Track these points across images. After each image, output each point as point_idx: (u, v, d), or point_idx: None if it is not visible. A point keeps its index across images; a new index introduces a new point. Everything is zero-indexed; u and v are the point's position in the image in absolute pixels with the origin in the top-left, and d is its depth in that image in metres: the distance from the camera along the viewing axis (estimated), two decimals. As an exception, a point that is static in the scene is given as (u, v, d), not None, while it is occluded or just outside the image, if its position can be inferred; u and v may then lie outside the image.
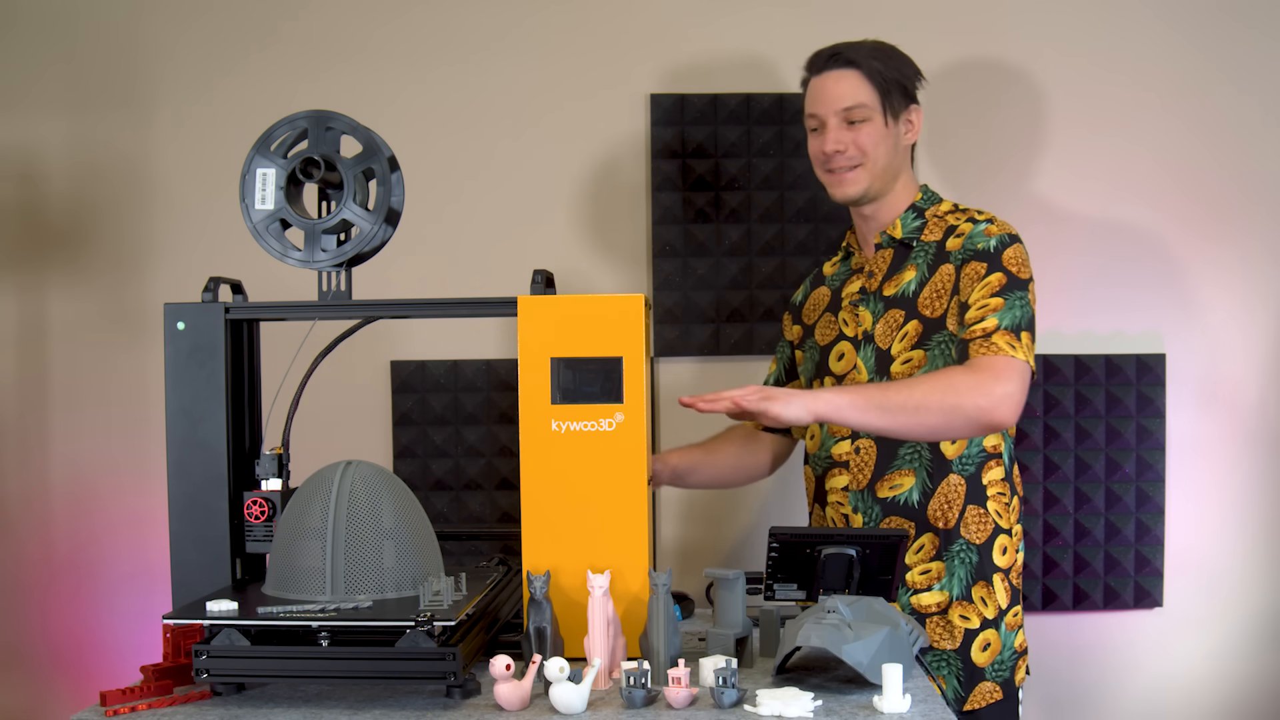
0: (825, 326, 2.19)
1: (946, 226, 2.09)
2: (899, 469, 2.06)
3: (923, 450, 2.05)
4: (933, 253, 2.07)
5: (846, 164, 2.07)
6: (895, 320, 2.07)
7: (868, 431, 2.01)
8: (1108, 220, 2.62)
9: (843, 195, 2.09)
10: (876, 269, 2.12)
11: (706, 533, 2.66)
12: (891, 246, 2.12)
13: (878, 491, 2.06)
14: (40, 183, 2.62)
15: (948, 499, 2.05)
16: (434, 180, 2.59)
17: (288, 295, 2.09)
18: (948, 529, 2.05)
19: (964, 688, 2.05)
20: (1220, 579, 2.64)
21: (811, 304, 2.25)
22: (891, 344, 2.06)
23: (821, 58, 2.09)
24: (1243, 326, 2.63)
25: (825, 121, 2.07)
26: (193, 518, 1.77)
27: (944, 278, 2.04)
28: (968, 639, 2.05)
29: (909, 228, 2.10)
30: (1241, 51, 2.62)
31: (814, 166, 2.14)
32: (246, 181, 1.76)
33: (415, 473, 2.60)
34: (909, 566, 2.05)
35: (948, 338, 2.02)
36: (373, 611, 1.54)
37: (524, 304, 1.74)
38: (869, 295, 2.11)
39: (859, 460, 2.08)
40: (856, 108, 2.05)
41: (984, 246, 2.01)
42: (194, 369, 1.78)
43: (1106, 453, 2.59)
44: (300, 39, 2.62)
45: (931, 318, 2.04)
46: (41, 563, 2.63)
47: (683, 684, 1.51)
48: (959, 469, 2.05)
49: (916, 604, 2.05)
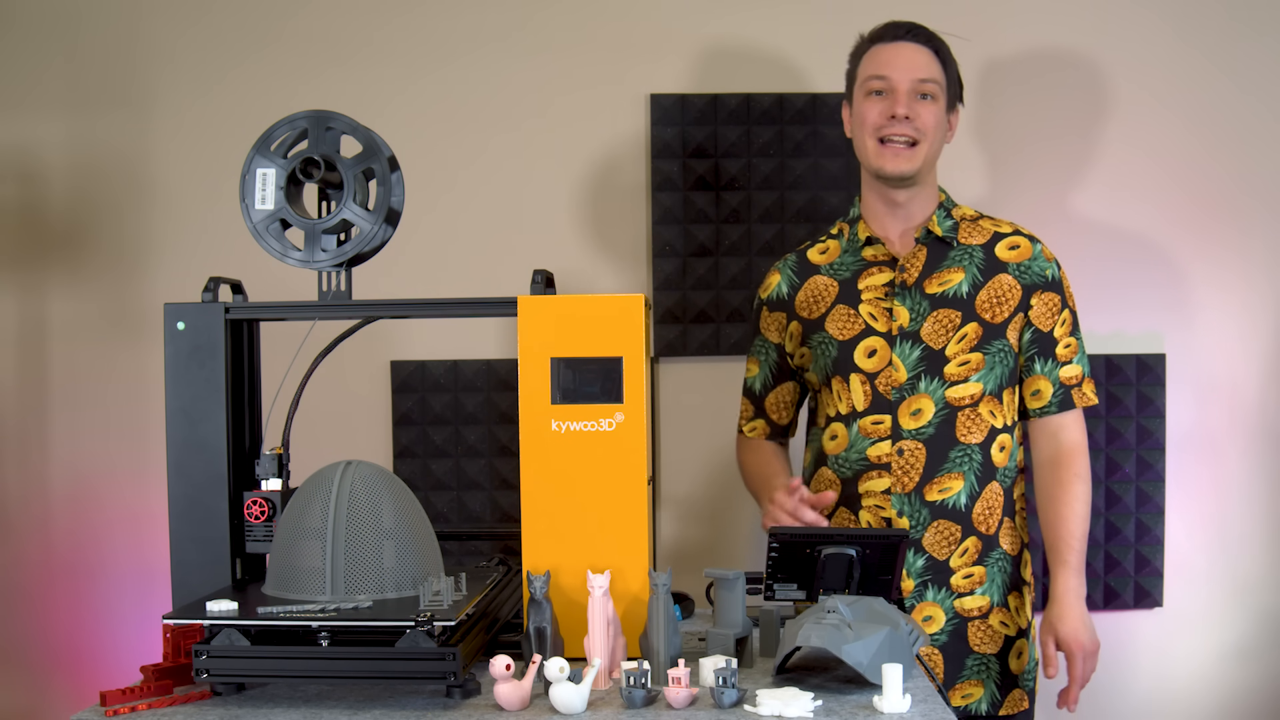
0: (842, 320, 2.10)
1: (988, 232, 2.09)
2: (949, 472, 2.02)
3: (974, 454, 2.02)
4: (980, 257, 2.06)
5: (907, 136, 2.02)
6: (950, 320, 2.03)
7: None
8: (1107, 220, 2.62)
9: (894, 169, 2.03)
10: (910, 264, 2.07)
11: (706, 533, 2.65)
12: (927, 243, 2.08)
13: (926, 495, 2.02)
14: (40, 183, 2.62)
15: (990, 506, 2.04)
16: (434, 180, 2.59)
17: (288, 295, 2.09)
18: (989, 535, 2.04)
19: (1000, 692, 2.05)
20: (1220, 579, 2.64)
21: (810, 295, 2.14)
22: (947, 344, 2.03)
23: (900, 28, 2.06)
24: (1242, 326, 2.63)
25: (897, 87, 2.02)
26: (193, 518, 1.77)
27: (1004, 287, 2.05)
28: (1006, 645, 2.05)
29: (945, 226, 2.08)
30: (1242, 51, 2.62)
31: (860, 134, 2.07)
32: (246, 181, 1.76)
33: (415, 473, 2.60)
34: (953, 570, 2.03)
35: (1006, 348, 2.05)
36: (373, 611, 1.54)
37: (524, 304, 1.74)
38: (905, 290, 2.06)
39: (903, 463, 2.03)
40: (930, 82, 2.03)
41: (1051, 275, 2.08)
42: (194, 369, 1.77)
43: (1106, 453, 2.59)
44: (300, 39, 2.62)
45: (992, 323, 2.04)
46: (41, 563, 2.63)
47: (683, 684, 1.51)
48: (1001, 479, 2.05)
49: (959, 608, 2.03)
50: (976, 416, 2.03)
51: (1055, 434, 2.09)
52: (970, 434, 2.02)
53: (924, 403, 2.03)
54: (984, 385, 2.03)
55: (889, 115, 2.02)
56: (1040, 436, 2.11)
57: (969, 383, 2.02)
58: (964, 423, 2.02)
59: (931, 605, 2.03)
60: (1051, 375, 2.07)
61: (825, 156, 2.61)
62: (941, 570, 2.02)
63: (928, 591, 2.03)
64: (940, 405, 2.02)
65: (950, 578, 2.03)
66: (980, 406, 2.03)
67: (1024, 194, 2.62)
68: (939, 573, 2.02)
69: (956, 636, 2.04)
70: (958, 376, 2.02)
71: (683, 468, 2.64)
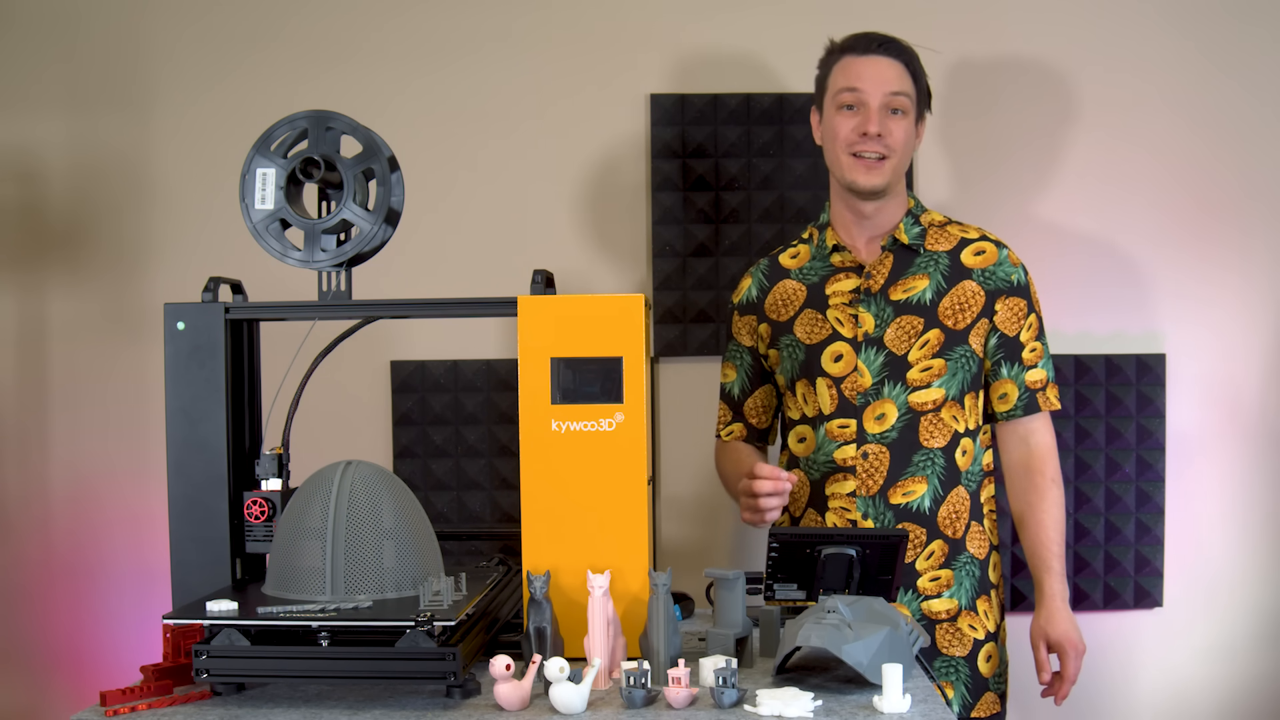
0: (810, 324, 2.12)
1: (955, 238, 2.10)
2: (912, 475, 2.05)
3: (936, 458, 2.05)
4: (946, 263, 2.08)
5: (879, 151, 2.04)
6: (912, 327, 2.05)
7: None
8: (1107, 220, 2.62)
9: (867, 184, 2.05)
10: (876, 271, 2.10)
11: (706, 533, 2.65)
12: (893, 250, 2.10)
13: (890, 498, 2.05)
14: (40, 183, 2.62)
15: (956, 509, 2.06)
16: (433, 180, 2.59)
17: (288, 295, 2.09)
18: (955, 539, 2.06)
19: (971, 695, 2.06)
20: (1220, 579, 2.64)
21: (778, 299, 2.16)
22: (909, 350, 2.05)
23: (871, 41, 2.06)
24: (1243, 326, 2.63)
25: (868, 102, 2.03)
26: (193, 518, 1.77)
27: (968, 293, 2.06)
28: (975, 649, 2.06)
29: (911, 234, 2.10)
30: (1242, 51, 2.62)
31: (832, 147, 2.09)
32: (246, 181, 1.76)
33: (415, 473, 2.60)
34: (920, 573, 2.05)
35: (969, 353, 2.06)
36: (373, 611, 1.54)
37: (524, 304, 1.74)
38: (870, 296, 2.09)
39: (868, 466, 2.06)
40: (901, 96, 2.04)
41: (1017, 280, 2.10)
42: (194, 369, 1.77)
43: (1106, 453, 2.59)
44: (300, 39, 2.62)
45: (954, 329, 2.05)
46: (41, 563, 2.63)
47: (683, 684, 1.51)
48: (966, 483, 2.07)
49: (927, 610, 2.05)
50: (939, 421, 2.05)
51: (1025, 438, 2.11)
52: (933, 438, 2.05)
53: (887, 407, 2.05)
54: (946, 391, 2.06)
55: (861, 132, 2.04)
56: (1009, 440, 2.13)
57: (931, 388, 2.05)
58: (926, 427, 2.05)
59: (899, 607, 2.04)
60: (1018, 379, 2.09)
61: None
62: (908, 573, 2.05)
63: (895, 594, 2.04)
64: (903, 410, 2.05)
65: (917, 580, 2.05)
66: (942, 411, 2.06)
67: (1024, 194, 2.62)
68: (906, 575, 2.04)
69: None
70: (920, 382, 2.05)
71: (683, 468, 2.64)
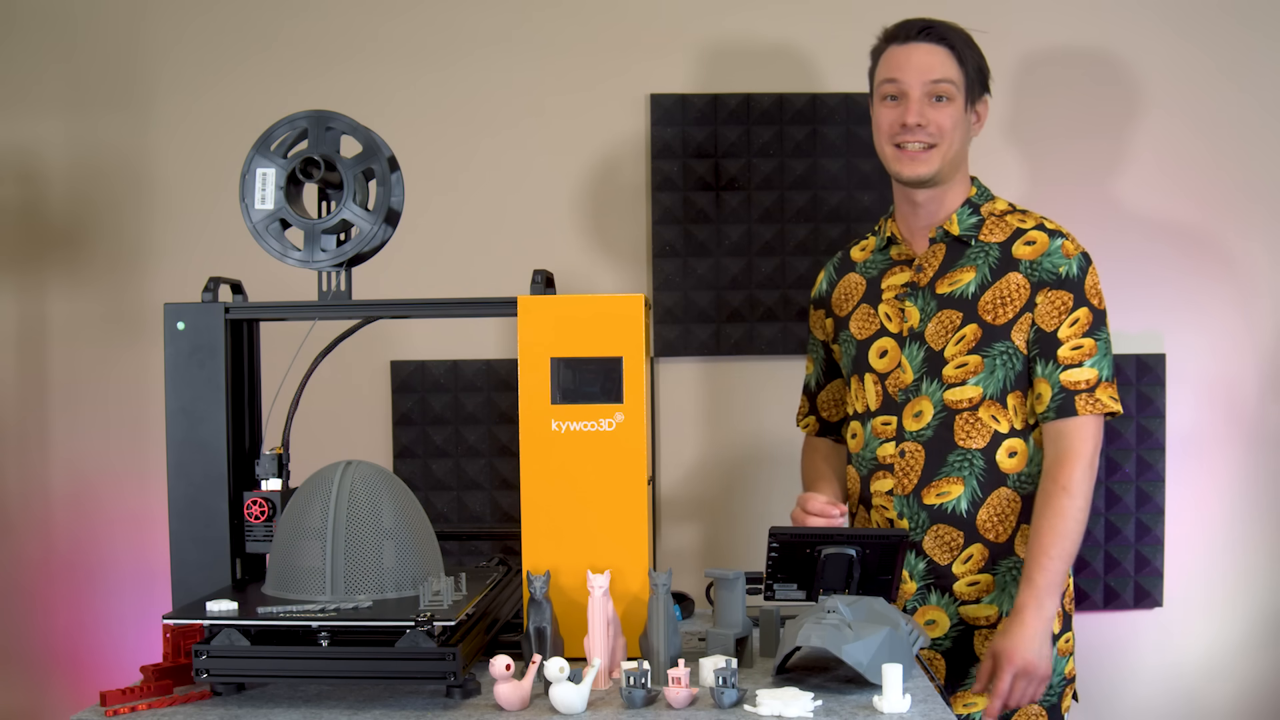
0: (863, 320, 2.09)
1: (1010, 229, 2.01)
2: (946, 476, 1.98)
3: (974, 459, 1.98)
4: (996, 255, 1.99)
5: (923, 141, 1.98)
6: (951, 321, 1.99)
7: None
8: (1107, 220, 2.62)
9: (912, 174, 1.99)
10: (927, 264, 2.03)
11: (706, 533, 2.65)
12: (945, 242, 2.04)
13: (924, 498, 1.99)
14: (40, 183, 2.62)
15: (999, 512, 1.98)
16: (433, 180, 2.59)
17: (288, 295, 2.09)
18: (999, 542, 1.99)
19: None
20: (1220, 579, 2.64)
21: (842, 292, 2.14)
22: (945, 346, 1.99)
23: (912, 28, 2.00)
24: (1242, 327, 2.63)
25: (908, 92, 1.98)
26: (193, 518, 1.77)
27: (1012, 287, 1.97)
28: None
29: (965, 224, 2.02)
30: (1242, 51, 2.62)
31: (879, 140, 2.04)
32: (246, 181, 1.76)
33: (415, 473, 2.60)
34: (957, 576, 1.99)
35: (1011, 350, 1.97)
36: (373, 611, 1.54)
37: (524, 304, 1.74)
38: (918, 290, 2.03)
39: (904, 464, 2.01)
40: (944, 83, 1.97)
41: (1066, 272, 1.96)
42: (194, 369, 1.77)
43: (1106, 453, 2.59)
44: (300, 39, 2.62)
45: (994, 324, 1.97)
46: (41, 563, 2.63)
47: (683, 684, 1.51)
48: (1015, 484, 1.98)
49: (965, 615, 2.00)
50: (976, 421, 1.98)
51: (1055, 441, 1.96)
52: (970, 439, 1.98)
53: (924, 405, 2.00)
54: (983, 389, 1.97)
55: (900, 124, 1.98)
56: (1045, 443, 1.98)
57: (966, 386, 1.97)
58: (962, 426, 1.98)
59: (935, 610, 2.01)
60: (1052, 378, 1.95)
61: (825, 156, 2.61)
62: (944, 575, 1.99)
63: (930, 595, 2.00)
64: (939, 408, 1.99)
65: (954, 584, 2.00)
66: (980, 411, 1.98)
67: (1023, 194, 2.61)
68: (941, 577, 2.00)
69: (961, 644, 2.01)
70: (955, 379, 1.98)
71: (683, 468, 2.64)
